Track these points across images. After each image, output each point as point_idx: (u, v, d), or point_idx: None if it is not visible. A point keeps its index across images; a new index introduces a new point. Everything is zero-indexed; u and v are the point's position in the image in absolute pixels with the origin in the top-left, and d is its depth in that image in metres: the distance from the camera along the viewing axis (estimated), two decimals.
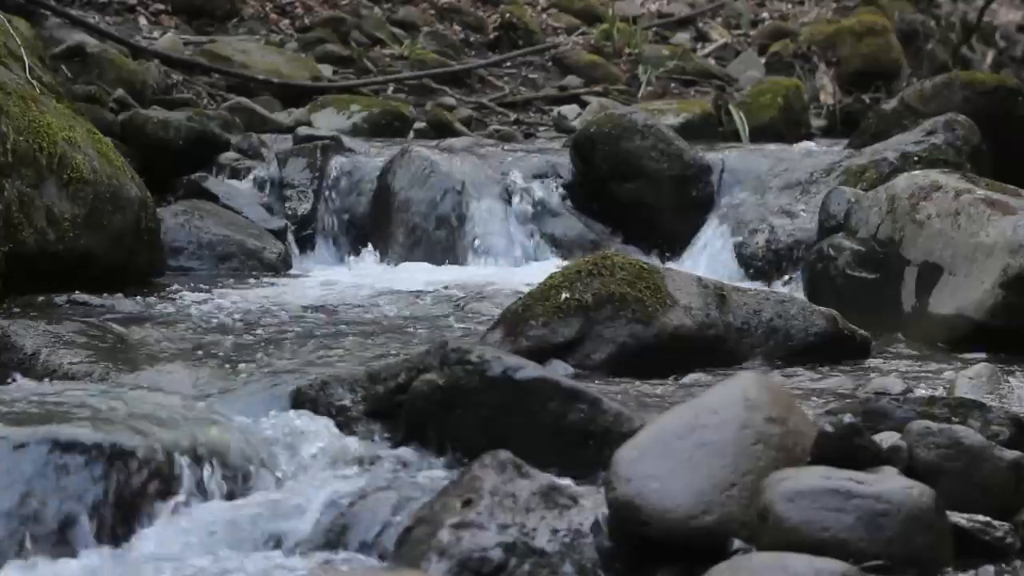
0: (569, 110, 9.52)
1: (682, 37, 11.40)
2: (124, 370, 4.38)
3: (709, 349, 4.61)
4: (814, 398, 4.14)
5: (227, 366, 4.46)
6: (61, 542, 3.09)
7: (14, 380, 4.29)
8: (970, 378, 4.24)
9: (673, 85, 10.31)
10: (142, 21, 9.73)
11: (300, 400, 3.74)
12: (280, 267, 6.64)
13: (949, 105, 6.94)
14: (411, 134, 8.66)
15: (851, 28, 10.76)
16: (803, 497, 2.89)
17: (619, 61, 10.59)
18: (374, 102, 8.90)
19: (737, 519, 2.98)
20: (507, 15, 10.85)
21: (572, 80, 10.14)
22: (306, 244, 7.08)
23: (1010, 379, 4.36)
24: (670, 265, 6.23)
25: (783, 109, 9.13)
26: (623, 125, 7.16)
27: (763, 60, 10.88)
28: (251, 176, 7.21)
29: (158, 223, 6.26)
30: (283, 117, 8.49)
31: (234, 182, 7.16)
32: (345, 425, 3.64)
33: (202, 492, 3.31)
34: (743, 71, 10.64)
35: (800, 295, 5.41)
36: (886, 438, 3.20)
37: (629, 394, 4.12)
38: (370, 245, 7.02)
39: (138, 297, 5.61)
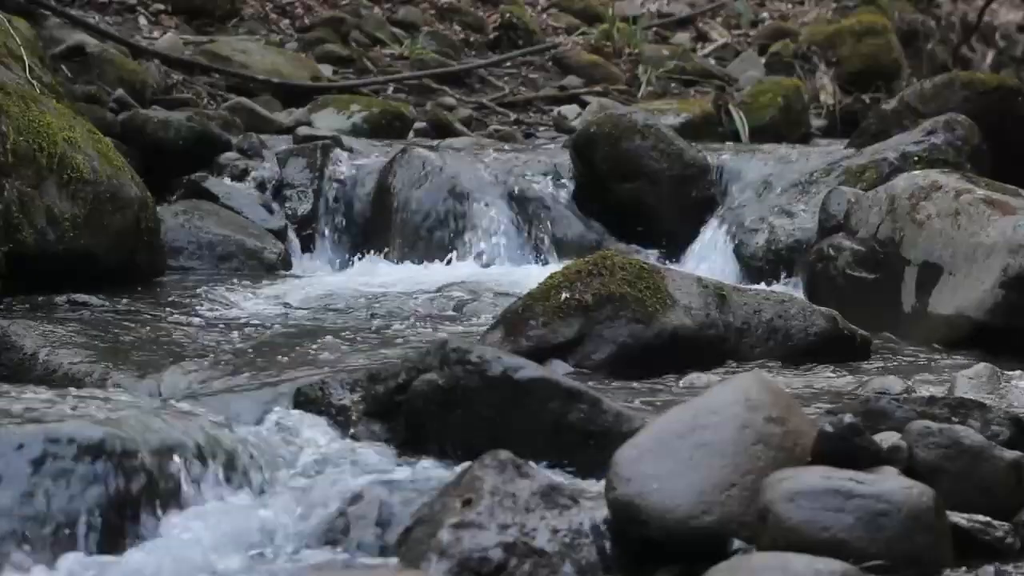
0: (569, 110, 9.52)
1: (682, 37, 11.40)
2: (124, 370, 4.37)
3: (709, 349, 4.61)
4: (814, 398, 4.14)
5: (227, 366, 4.46)
6: (58, 543, 3.08)
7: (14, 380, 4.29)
8: (970, 378, 4.24)
9: (673, 85, 10.30)
10: (142, 21, 9.73)
11: (300, 400, 3.74)
12: (280, 267, 6.64)
13: (949, 105, 6.93)
14: (411, 134, 8.66)
15: (851, 28, 10.75)
16: (803, 497, 2.88)
17: (619, 61, 10.58)
18: (374, 102, 8.90)
19: (737, 519, 2.98)
20: (507, 15, 10.85)
21: (572, 80, 10.13)
22: (306, 244, 7.08)
23: (1010, 379, 4.36)
24: (670, 265, 6.22)
25: (783, 109, 9.12)
26: (623, 125, 7.16)
27: (763, 60, 10.87)
28: (251, 176, 7.20)
29: (158, 223, 6.26)
30: (283, 117, 8.49)
31: (234, 182, 7.15)
32: (345, 425, 3.63)
33: (201, 493, 3.31)
34: (743, 71, 10.64)
35: (800, 295, 5.41)
36: (886, 438, 3.20)
37: (629, 394, 4.12)
38: (370, 245, 7.02)
39: (138, 297, 5.61)
